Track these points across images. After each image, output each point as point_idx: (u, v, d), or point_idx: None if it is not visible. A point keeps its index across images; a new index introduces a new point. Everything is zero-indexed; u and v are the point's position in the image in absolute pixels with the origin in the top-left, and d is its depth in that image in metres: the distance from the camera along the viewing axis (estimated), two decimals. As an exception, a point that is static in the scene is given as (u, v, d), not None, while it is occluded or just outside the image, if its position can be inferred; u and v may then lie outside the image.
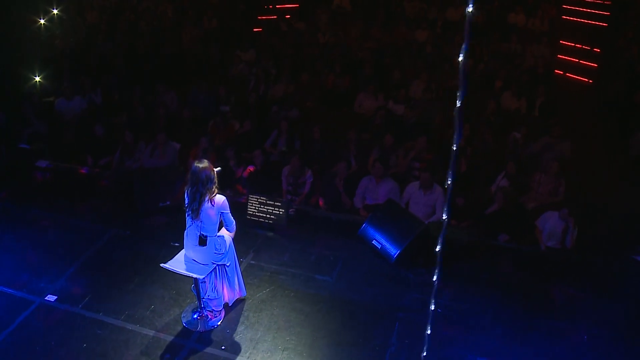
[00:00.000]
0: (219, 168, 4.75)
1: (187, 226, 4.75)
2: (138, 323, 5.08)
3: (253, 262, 5.91)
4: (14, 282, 5.54)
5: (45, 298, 5.36)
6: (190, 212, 4.61)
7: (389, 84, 10.39)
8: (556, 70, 12.81)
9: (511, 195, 6.80)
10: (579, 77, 12.94)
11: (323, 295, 5.46)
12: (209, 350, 4.82)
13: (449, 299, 5.41)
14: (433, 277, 5.53)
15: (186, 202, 4.63)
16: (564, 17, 14.85)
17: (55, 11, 14.26)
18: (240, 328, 5.06)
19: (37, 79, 10.23)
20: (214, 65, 11.59)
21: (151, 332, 4.98)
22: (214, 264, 4.81)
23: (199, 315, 5.09)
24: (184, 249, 4.89)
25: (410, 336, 4.94)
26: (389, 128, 8.70)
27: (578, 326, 5.07)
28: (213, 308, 5.14)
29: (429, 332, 3.99)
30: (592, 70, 13.17)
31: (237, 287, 5.22)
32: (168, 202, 6.71)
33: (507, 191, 6.80)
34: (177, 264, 4.82)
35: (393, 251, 5.82)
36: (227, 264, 4.96)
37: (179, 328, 5.06)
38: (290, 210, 6.60)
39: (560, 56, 13.53)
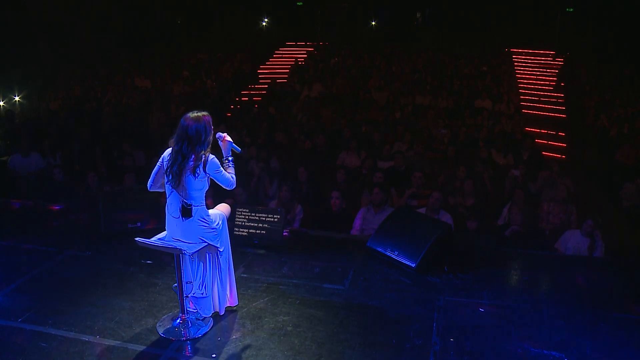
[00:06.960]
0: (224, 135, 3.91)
1: (167, 195, 3.78)
2: (98, 334, 3.82)
3: (245, 275, 4.79)
4: None
5: (-29, 314, 4.07)
6: (169, 178, 3.66)
7: (371, 145, 9.98)
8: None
9: (528, 212, 6.13)
10: (552, 155, 13.04)
11: (337, 301, 4.37)
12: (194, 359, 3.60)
13: (490, 298, 4.44)
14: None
15: (166, 163, 3.72)
16: (524, 110, 15.49)
17: (16, 98, 13.78)
18: (235, 335, 3.87)
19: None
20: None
21: (115, 343, 3.73)
22: (203, 241, 3.76)
23: (180, 321, 3.89)
24: (165, 231, 3.87)
25: (455, 335, 3.89)
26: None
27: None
28: (199, 312, 3.98)
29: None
30: (562, 148, 13.40)
31: (229, 289, 4.10)
32: (139, 224, 5.64)
33: (524, 209, 6.13)
34: (155, 240, 3.77)
35: (413, 257, 4.87)
36: (221, 249, 3.92)
37: (154, 338, 3.82)
38: (285, 231, 5.64)
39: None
